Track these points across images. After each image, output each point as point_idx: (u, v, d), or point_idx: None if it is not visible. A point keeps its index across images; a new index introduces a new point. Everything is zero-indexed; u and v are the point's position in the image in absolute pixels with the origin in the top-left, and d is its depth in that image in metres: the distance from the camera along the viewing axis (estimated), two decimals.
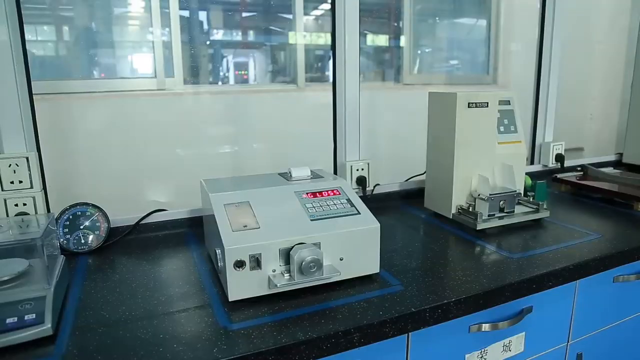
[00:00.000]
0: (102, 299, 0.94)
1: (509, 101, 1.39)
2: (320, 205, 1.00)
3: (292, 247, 0.89)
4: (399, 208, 1.54)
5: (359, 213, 1.00)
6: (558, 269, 1.06)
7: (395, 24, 2.57)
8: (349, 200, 1.03)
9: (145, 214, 1.31)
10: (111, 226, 1.23)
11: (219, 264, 0.91)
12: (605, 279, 1.24)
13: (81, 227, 1.18)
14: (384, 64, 2.69)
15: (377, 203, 1.56)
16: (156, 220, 1.33)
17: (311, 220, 0.95)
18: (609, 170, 1.86)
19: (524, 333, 1.12)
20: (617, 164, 2.16)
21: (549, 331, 1.18)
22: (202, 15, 2.12)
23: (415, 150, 1.53)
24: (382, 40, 2.64)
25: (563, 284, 1.09)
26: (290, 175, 1.11)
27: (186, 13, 2.03)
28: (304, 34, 2.29)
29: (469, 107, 1.28)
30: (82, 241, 1.17)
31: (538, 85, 1.99)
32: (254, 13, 2.32)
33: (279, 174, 1.15)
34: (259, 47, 2.32)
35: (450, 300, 0.91)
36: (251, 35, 2.32)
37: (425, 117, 1.42)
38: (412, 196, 1.62)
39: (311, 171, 1.13)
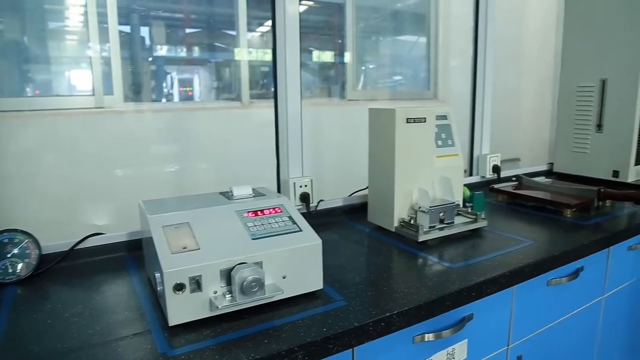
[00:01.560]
0: (32, 331, 0.89)
1: (445, 116, 1.45)
2: (262, 224, 0.99)
3: (233, 267, 0.88)
4: (343, 223, 1.56)
5: (300, 230, 1.00)
6: (495, 276, 1.10)
7: (340, 41, 2.62)
8: (290, 218, 1.03)
9: (80, 238, 1.25)
10: (43, 253, 1.17)
11: (159, 288, 0.89)
12: (539, 283, 1.29)
13: (8, 255, 1.12)
14: (330, 80, 2.73)
15: (321, 219, 1.57)
16: (93, 245, 1.28)
17: (252, 239, 0.94)
18: (541, 179, 1.97)
19: (466, 340, 1.15)
20: (549, 173, 2.28)
21: (490, 336, 1.22)
22: (144, 31, 2.08)
23: (360, 165, 1.55)
24: (328, 56, 2.68)
25: (501, 290, 1.13)
26: (232, 194, 1.09)
27: (127, 28, 1.98)
28: (250, 50, 2.29)
29: (407, 122, 1.32)
30: (10, 270, 1.11)
31: (474, 100, 2.08)
32: (198, 29, 2.30)
33: (220, 193, 1.14)
34: (203, 64, 2.30)
35: (392, 312, 0.92)
36: (196, 52, 2.29)
37: None
38: (356, 211, 1.64)
39: (253, 189, 1.12)
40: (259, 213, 1.02)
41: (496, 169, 2.04)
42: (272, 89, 1.48)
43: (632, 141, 1.91)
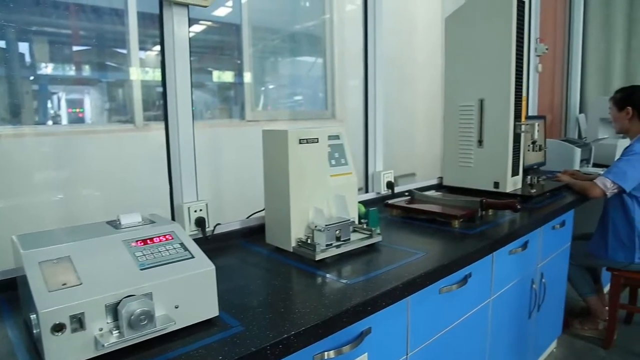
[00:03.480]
0: None
1: (338, 136, 1.49)
2: (152, 253, 0.95)
3: (120, 300, 0.83)
4: (241, 246, 1.54)
5: (192, 257, 0.97)
6: (390, 288, 1.15)
7: (239, 61, 2.61)
8: (182, 245, 1.00)
9: None
10: None
11: (35, 331, 0.81)
12: (432, 292, 1.36)
13: None
14: (230, 101, 2.70)
15: (219, 243, 1.54)
16: None
17: (141, 269, 0.90)
18: (431, 193, 2.09)
19: (366, 354, 1.17)
20: (439, 186, 2.44)
21: (389, 348, 1.26)
22: (24, 47, 1.92)
23: (261, 187, 1.54)
24: (228, 76, 2.65)
25: (396, 302, 1.18)
26: (119, 223, 1.04)
27: (2, 43, 1.82)
28: (147, 69, 2.21)
29: (300, 143, 1.35)
30: None
31: (366, 119, 2.17)
32: (88, 47, 2.18)
33: (107, 222, 1.07)
34: (94, 84, 2.17)
35: (290, 334, 0.92)
36: (86, 71, 2.17)
37: None
38: (254, 233, 1.63)
39: (143, 217, 1.08)
40: (148, 242, 0.98)
41: (390, 185, 2.14)
42: None
43: (507, 155, 2.10)
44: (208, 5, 1.41)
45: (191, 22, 1.44)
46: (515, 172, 2.17)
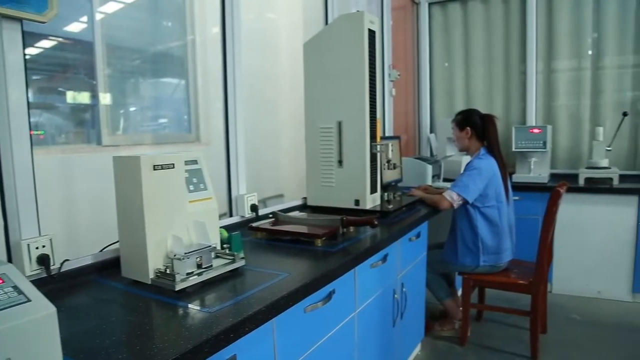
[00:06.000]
0: None
1: (196, 160, 1.46)
2: None
3: None
4: (95, 282, 1.41)
5: (29, 300, 0.87)
6: (253, 313, 1.14)
7: (95, 82, 2.45)
8: (16, 288, 0.89)
9: None
10: None
11: None
12: (297, 312, 1.38)
13: None
14: (86, 124, 2.51)
15: (68, 281, 1.39)
16: None
17: None
18: (295, 213, 2.14)
19: None
20: (304, 206, 2.50)
21: None
22: None
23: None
24: (84, 97, 2.47)
25: (260, 326, 1.18)
26: None
27: None
28: None
29: (154, 169, 1.29)
30: None
31: (227, 143, 2.15)
32: None
33: None
34: None
35: None
36: None
37: None
38: (109, 267, 1.50)
39: None
40: None
41: (254, 208, 2.13)
42: None
43: (365, 174, 2.23)
44: (46, 22, 1.30)
45: (39, 37, 1.31)
46: (373, 190, 2.31)
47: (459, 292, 3.05)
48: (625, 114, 3.44)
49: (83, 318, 1.15)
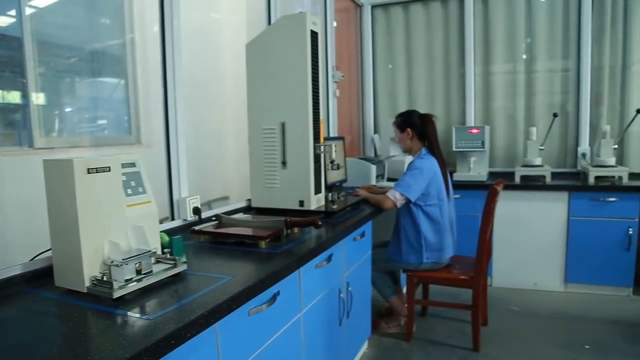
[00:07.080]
0: None
1: (134, 163, 1.41)
2: None
3: None
4: (25, 293, 1.33)
5: None
6: (193, 318, 1.12)
7: (25, 80, 2.32)
8: None
9: None
10: None
11: None
12: (241, 315, 1.36)
13: None
14: (17, 126, 2.38)
15: None
16: None
17: None
18: (239, 215, 2.11)
19: None
20: (248, 208, 2.48)
21: None
22: None
23: None
24: (15, 97, 2.33)
25: (203, 331, 1.16)
26: None
27: None
28: None
29: (89, 172, 1.24)
30: None
31: (168, 144, 2.10)
32: None
33: None
34: None
35: None
36: None
37: None
38: (41, 276, 1.42)
39: None
40: None
41: (197, 211, 2.09)
42: None
43: (309, 174, 2.23)
44: None
45: None
46: (318, 190, 2.32)
47: (404, 290, 3.13)
48: (555, 115, 3.64)
49: (12, 332, 1.09)
